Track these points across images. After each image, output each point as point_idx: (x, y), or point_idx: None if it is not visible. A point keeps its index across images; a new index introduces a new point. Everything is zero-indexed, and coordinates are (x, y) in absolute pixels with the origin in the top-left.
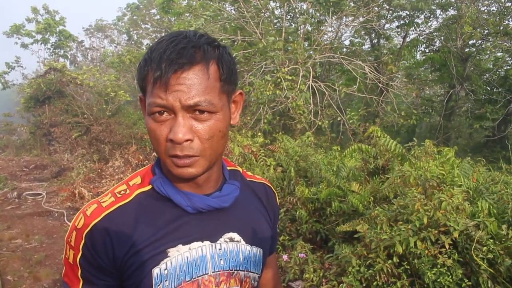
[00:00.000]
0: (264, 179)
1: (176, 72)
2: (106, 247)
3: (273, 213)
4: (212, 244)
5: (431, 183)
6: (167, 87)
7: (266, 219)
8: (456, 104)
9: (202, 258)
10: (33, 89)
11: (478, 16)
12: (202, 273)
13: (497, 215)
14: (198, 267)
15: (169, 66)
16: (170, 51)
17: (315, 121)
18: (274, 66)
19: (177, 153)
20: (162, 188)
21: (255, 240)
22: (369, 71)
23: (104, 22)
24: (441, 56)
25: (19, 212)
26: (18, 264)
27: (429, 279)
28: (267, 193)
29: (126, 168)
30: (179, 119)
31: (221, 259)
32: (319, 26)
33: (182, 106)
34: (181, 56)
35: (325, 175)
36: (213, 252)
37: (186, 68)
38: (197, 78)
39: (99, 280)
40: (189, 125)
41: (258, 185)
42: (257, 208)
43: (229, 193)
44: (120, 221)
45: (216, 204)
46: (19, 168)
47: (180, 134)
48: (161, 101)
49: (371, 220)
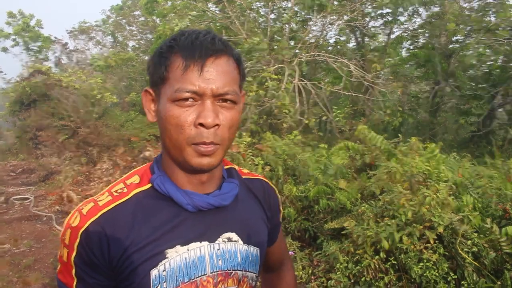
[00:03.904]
0: (261, 176)
1: (209, 58)
2: (102, 247)
3: (270, 209)
4: (211, 244)
5: (417, 179)
6: (201, 72)
7: (262, 217)
8: (442, 100)
9: (201, 259)
10: (18, 93)
11: (461, 12)
12: (201, 274)
13: (482, 209)
14: (196, 268)
15: (204, 51)
16: (202, 39)
17: (302, 120)
18: (260, 66)
19: (204, 139)
20: (162, 186)
21: (253, 239)
22: (354, 69)
23: (87, 24)
24: (426, 53)
25: (7, 217)
26: (6, 269)
27: (416, 273)
28: (264, 189)
29: (114, 171)
30: (207, 104)
31: (220, 260)
32: (304, 24)
33: (213, 92)
34: (214, 44)
35: (313, 173)
36: (212, 253)
37: (219, 56)
38: (227, 67)
39: (93, 280)
40: (217, 111)
41: (255, 182)
42: (254, 207)
43: (228, 191)
44: (117, 220)
45: (216, 202)
46: (5, 172)
47: (210, 118)
48: (192, 87)
49: (358, 217)
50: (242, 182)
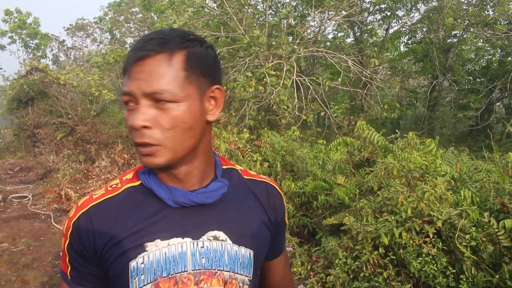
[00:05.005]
0: (268, 179)
1: (138, 60)
2: (89, 236)
3: (274, 213)
4: (194, 241)
5: (414, 174)
6: (130, 74)
7: (263, 219)
8: (440, 94)
9: (182, 255)
10: (16, 91)
11: (459, 7)
12: (181, 270)
13: (480, 203)
14: (176, 264)
15: (133, 54)
16: (138, 42)
17: (300, 116)
18: (258, 61)
19: (136, 140)
20: (147, 181)
21: (245, 240)
22: (352, 65)
23: (85, 21)
24: (423, 47)
25: (5, 215)
26: (5, 268)
27: (415, 268)
28: (268, 192)
29: (112, 168)
30: (139, 106)
31: (203, 257)
32: (302, 20)
33: (142, 93)
34: (146, 45)
35: (311, 169)
36: (194, 250)
37: (148, 56)
38: (159, 66)
39: (83, 268)
40: (149, 113)
41: (259, 184)
42: (252, 208)
43: (214, 190)
44: (104, 212)
45: (198, 199)
46: (3, 171)
47: (136, 120)
48: (126, 89)
49: (357, 212)
50: (244, 182)
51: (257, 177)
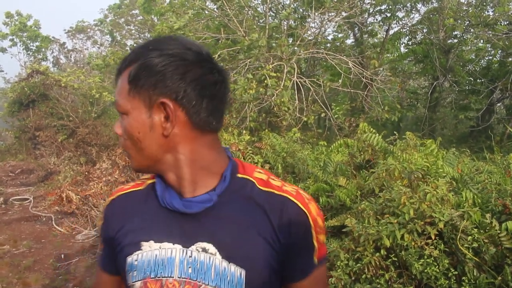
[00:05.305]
0: (292, 192)
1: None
2: (108, 222)
3: (287, 232)
4: (184, 249)
5: (416, 175)
6: None
7: (267, 238)
8: (440, 95)
9: (170, 260)
10: (17, 93)
11: (459, 7)
12: (167, 275)
13: (481, 204)
14: (164, 268)
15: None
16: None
17: (301, 117)
18: (259, 63)
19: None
20: (156, 180)
21: (236, 258)
22: (352, 66)
23: (85, 23)
24: (424, 48)
25: (6, 217)
26: (6, 270)
27: (417, 270)
28: (283, 208)
29: (113, 170)
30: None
31: (190, 267)
32: (302, 21)
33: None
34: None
35: (312, 170)
36: (183, 258)
37: (122, 72)
38: (121, 81)
39: (108, 249)
40: (121, 123)
41: (274, 198)
42: (254, 225)
43: (200, 201)
44: (123, 204)
45: (179, 206)
46: (4, 173)
47: (114, 129)
48: None
49: (358, 214)
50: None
51: (277, 190)
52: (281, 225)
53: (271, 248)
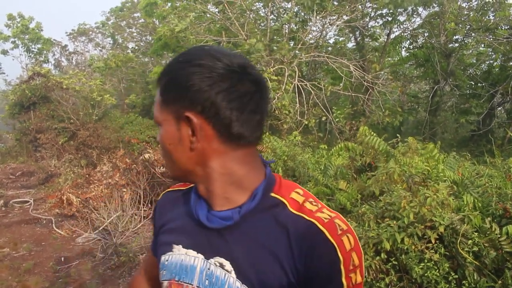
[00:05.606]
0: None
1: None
2: (157, 215)
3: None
4: (205, 260)
5: (416, 179)
6: None
7: (284, 265)
8: (441, 99)
9: (192, 268)
10: (18, 96)
11: (460, 12)
12: (188, 282)
13: (482, 208)
14: (186, 274)
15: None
16: None
17: (301, 121)
18: (260, 67)
19: None
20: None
21: (250, 281)
22: (353, 70)
23: (87, 26)
24: (425, 52)
25: (6, 220)
26: (6, 273)
27: (417, 274)
28: (306, 236)
29: (114, 173)
30: None
31: (207, 280)
32: (303, 25)
33: None
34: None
35: (313, 174)
36: (203, 268)
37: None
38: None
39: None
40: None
41: (302, 223)
42: (274, 250)
43: (222, 217)
44: (169, 200)
45: (203, 219)
46: (5, 175)
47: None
48: None
49: (359, 218)
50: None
51: (308, 214)
52: (302, 254)
53: (285, 276)
